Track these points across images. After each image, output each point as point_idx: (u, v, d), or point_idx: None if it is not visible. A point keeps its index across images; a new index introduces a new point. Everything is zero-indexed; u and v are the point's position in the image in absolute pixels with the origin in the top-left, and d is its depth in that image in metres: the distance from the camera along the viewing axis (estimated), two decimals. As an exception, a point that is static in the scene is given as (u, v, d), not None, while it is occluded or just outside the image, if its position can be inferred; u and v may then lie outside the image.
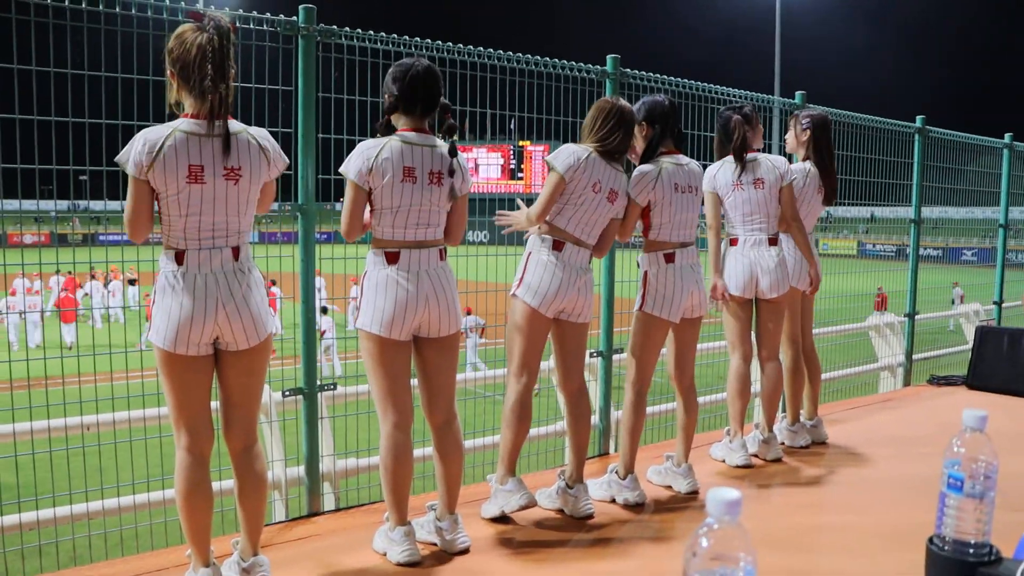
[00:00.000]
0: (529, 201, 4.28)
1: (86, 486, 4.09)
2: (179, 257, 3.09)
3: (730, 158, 5.10)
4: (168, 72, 3.10)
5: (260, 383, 3.35)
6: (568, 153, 4.10)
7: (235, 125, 3.14)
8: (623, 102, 4.21)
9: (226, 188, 3.09)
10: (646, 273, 4.54)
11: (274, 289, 12.23)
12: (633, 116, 4.23)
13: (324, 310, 14.42)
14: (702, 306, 4.63)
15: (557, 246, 4.10)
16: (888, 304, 14.29)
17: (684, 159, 4.55)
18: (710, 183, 5.08)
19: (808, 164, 5.45)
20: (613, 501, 4.50)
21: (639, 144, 4.52)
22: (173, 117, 3.12)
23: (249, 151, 3.14)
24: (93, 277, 20.67)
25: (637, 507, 4.43)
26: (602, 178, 4.11)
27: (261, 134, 3.23)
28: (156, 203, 3.10)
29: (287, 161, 3.34)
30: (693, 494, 4.61)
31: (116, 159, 3.07)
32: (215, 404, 3.31)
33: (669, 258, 4.49)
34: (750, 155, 5.09)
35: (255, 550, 3.34)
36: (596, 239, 4.24)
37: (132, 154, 3.00)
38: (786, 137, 5.69)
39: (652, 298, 4.49)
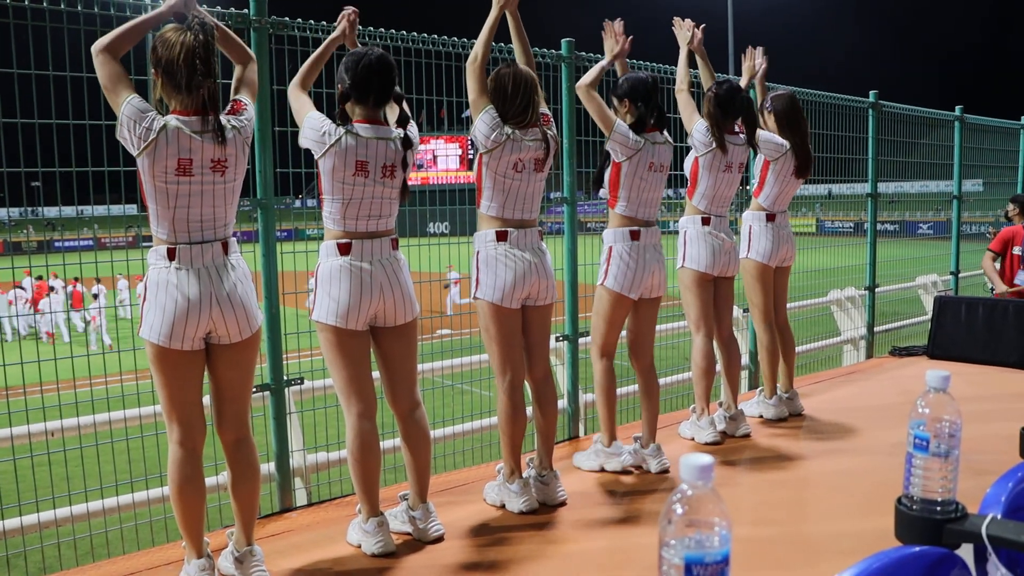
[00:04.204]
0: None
1: (53, 493, 4.04)
2: (170, 253, 3.12)
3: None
4: (152, 72, 3.13)
5: (251, 376, 3.40)
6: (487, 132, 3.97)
7: (221, 118, 3.16)
8: (517, 67, 4.05)
9: (213, 179, 3.13)
10: (611, 249, 4.59)
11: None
12: (533, 76, 4.06)
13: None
14: (662, 286, 4.68)
15: (500, 236, 4.04)
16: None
17: (660, 136, 4.60)
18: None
19: (786, 143, 5.48)
20: (602, 470, 4.64)
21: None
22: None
23: (235, 142, 3.18)
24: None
25: (623, 473, 4.60)
26: (522, 155, 4.00)
27: (235, 118, 3.23)
28: (142, 197, 3.15)
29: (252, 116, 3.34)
30: (664, 473, 4.64)
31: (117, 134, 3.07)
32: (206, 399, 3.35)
33: (635, 235, 4.54)
34: (733, 137, 5.14)
35: (249, 540, 3.37)
36: (538, 210, 4.18)
37: (130, 125, 3.01)
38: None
39: (615, 275, 4.55)
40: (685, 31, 5.24)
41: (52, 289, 19.27)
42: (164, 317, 3.09)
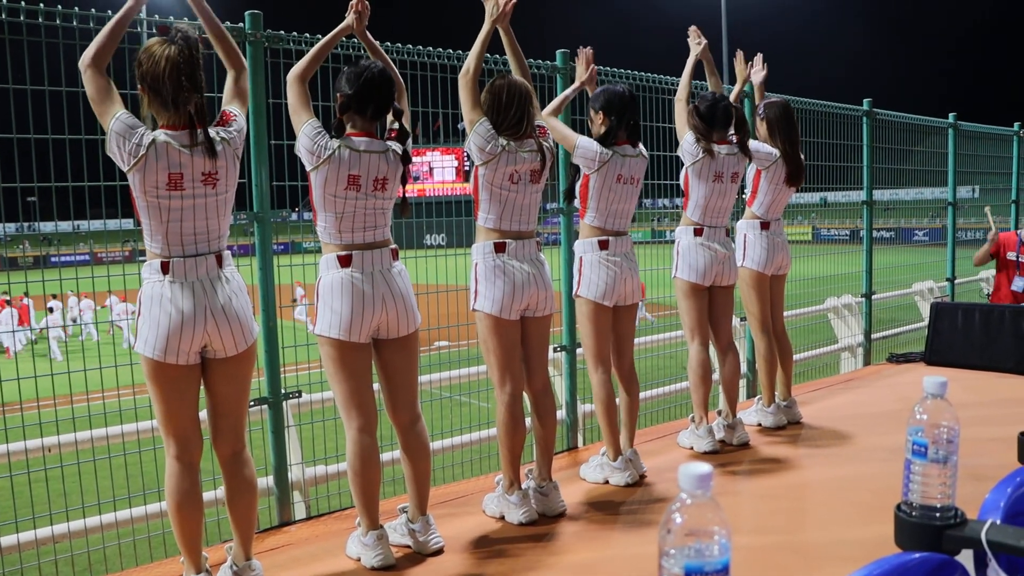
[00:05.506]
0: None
1: (50, 509, 4.03)
2: (164, 267, 3.12)
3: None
4: (139, 87, 3.12)
5: (246, 390, 3.39)
6: (482, 144, 3.97)
7: (210, 131, 3.15)
8: (511, 78, 4.07)
9: (205, 192, 3.13)
10: (581, 259, 4.64)
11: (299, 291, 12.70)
12: (527, 88, 4.07)
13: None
14: (635, 293, 4.70)
15: (499, 248, 4.04)
16: (646, 293, 14.33)
17: (632, 150, 4.60)
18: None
19: (776, 151, 5.50)
20: (606, 482, 4.63)
21: (595, 131, 4.58)
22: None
23: (225, 154, 3.18)
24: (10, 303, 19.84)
25: (630, 487, 4.55)
26: (518, 167, 4.02)
27: (224, 130, 3.23)
28: (135, 212, 3.14)
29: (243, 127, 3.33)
30: (637, 485, 4.64)
31: (107, 150, 3.06)
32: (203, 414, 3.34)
33: (603, 245, 4.58)
34: (725, 147, 5.15)
35: (247, 555, 3.37)
36: (535, 221, 4.18)
37: (119, 141, 3.00)
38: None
39: (587, 284, 4.59)
40: (695, 41, 5.32)
41: (9, 303, 19.18)
42: (158, 331, 3.09)
